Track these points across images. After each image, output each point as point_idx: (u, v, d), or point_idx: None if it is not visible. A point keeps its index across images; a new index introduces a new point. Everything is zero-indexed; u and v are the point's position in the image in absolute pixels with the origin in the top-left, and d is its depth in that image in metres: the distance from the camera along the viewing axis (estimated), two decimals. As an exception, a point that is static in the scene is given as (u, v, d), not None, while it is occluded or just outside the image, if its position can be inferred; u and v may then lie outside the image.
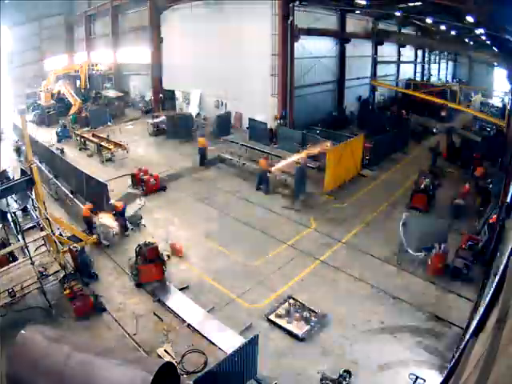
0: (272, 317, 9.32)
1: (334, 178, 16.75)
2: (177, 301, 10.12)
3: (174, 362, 7.76)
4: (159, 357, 8.22)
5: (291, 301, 9.80)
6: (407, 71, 40.32)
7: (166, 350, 8.43)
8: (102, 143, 21.70)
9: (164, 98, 32.15)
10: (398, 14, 26.09)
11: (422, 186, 15.31)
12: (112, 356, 6.72)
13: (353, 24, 28.87)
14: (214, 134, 23.54)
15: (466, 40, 33.36)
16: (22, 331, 6.92)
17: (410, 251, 11.49)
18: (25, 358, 6.56)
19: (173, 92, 31.83)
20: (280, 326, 9.10)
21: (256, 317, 9.47)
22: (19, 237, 10.65)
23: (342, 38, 28.01)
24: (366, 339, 8.88)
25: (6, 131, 26.39)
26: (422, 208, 14.83)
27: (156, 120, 26.19)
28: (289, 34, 22.13)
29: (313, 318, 9.25)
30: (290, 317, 9.28)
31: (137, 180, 17.03)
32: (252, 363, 7.58)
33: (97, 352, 6.76)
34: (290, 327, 9.03)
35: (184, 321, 9.40)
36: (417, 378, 7.03)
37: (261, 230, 13.62)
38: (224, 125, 24.19)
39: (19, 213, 12.94)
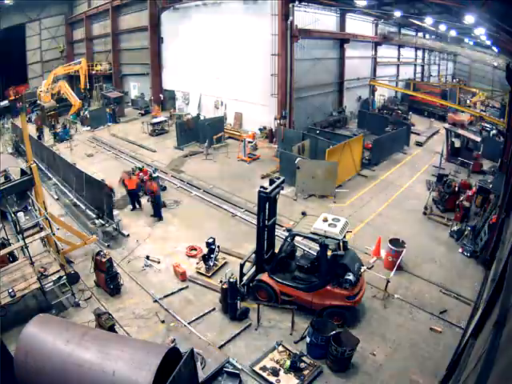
0: (257, 368, 7.92)
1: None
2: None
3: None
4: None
5: (280, 348, 8.41)
6: (407, 72, 40.35)
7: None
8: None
9: (164, 98, 32.19)
10: (397, 14, 26.03)
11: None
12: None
13: (353, 24, 28.88)
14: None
15: (466, 40, 33.38)
16: (40, 314, 6.98)
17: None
18: (44, 331, 6.53)
19: (173, 92, 31.84)
20: (266, 380, 7.72)
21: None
22: (19, 237, 10.63)
23: (342, 38, 28.00)
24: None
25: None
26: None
27: (154, 120, 26.47)
28: (289, 34, 22.11)
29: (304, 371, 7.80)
30: (278, 369, 7.85)
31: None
32: None
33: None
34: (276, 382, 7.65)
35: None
36: None
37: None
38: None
39: (21, 213, 12.93)
